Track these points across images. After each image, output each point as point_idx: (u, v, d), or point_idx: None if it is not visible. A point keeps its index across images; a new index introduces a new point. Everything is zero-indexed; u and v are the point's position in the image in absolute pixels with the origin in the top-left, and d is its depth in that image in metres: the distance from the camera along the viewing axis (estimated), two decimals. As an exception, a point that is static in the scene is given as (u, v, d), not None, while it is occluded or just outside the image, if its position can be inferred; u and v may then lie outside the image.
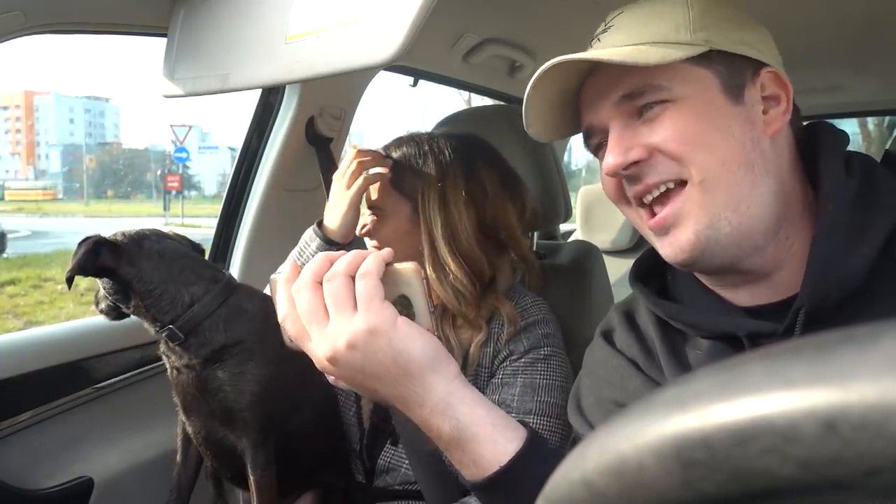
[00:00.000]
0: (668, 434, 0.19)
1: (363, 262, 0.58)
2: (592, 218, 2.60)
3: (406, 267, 0.59)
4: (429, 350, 0.58)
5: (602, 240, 2.48)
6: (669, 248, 0.67)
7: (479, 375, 1.10)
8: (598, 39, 0.71)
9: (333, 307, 0.57)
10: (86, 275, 1.06)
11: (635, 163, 0.66)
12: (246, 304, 1.11)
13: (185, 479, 1.18)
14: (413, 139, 1.19)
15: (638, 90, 0.66)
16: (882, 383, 0.16)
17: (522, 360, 1.08)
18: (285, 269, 0.61)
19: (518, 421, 0.64)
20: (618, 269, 2.46)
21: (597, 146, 0.74)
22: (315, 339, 0.58)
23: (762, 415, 0.17)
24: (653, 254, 0.79)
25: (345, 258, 0.58)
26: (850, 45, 1.71)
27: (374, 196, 1.17)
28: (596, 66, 0.69)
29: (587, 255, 1.44)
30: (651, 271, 0.78)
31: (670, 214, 0.66)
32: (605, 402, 0.76)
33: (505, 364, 1.09)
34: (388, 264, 0.59)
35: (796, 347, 0.19)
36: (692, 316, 0.70)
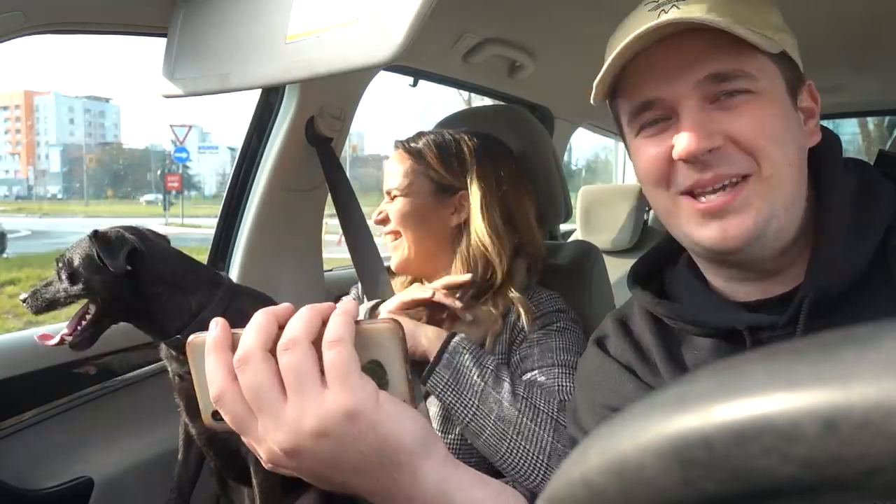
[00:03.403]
0: (669, 433, 0.19)
1: (329, 323, 0.45)
2: (592, 218, 2.60)
3: (381, 326, 0.46)
4: (418, 432, 0.46)
5: (602, 240, 2.48)
6: (719, 233, 0.64)
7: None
8: (676, 6, 0.64)
9: (295, 384, 0.43)
10: (120, 270, 1.03)
11: (709, 150, 0.63)
12: (248, 308, 1.10)
13: (186, 477, 1.18)
14: (446, 130, 1.28)
15: (729, 73, 0.63)
16: (883, 383, 0.16)
17: (537, 333, 1.14)
18: (212, 330, 0.47)
19: (509, 484, 0.54)
20: (618, 269, 2.46)
21: (646, 122, 0.68)
22: (267, 425, 0.45)
23: (762, 414, 0.17)
24: (651, 257, 0.80)
25: (300, 318, 0.45)
26: (850, 45, 1.71)
27: (397, 180, 1.21)
28: (677, 33, 0.63)
29: (587, 255, 1.44)
30: (649, 275, 0.78)
31: (734, 200, 0.63)
32: (598, 406, 0.77)
33: (523, 345, 1.13)
34: (356, 322, 0.46)
35: (797, 347, 0.19)
36: (693, 313, 0.71)
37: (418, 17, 0.75)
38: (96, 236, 1.07)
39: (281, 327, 0.45)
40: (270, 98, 1.55)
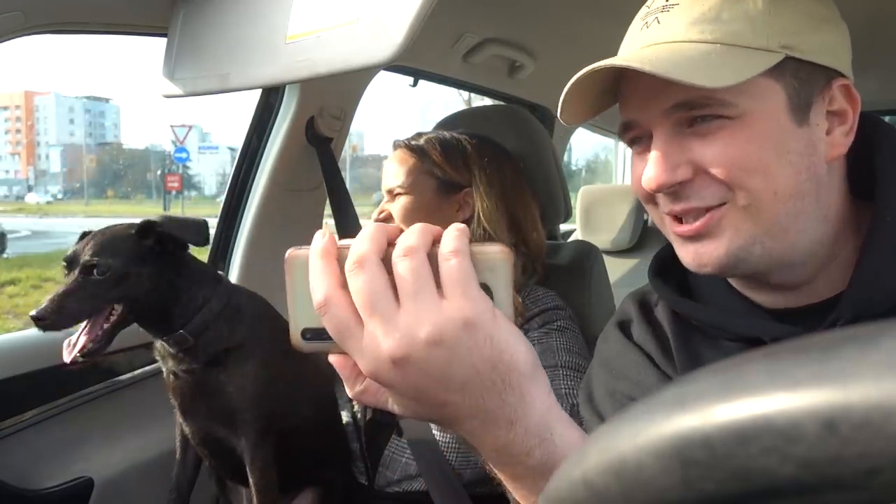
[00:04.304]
0: (668, 433, 0.19)
1: (445, 235, 0.43)
2: (592, 218, 2.60)
3: (492, 249, 0.44)
4: (530, 354, 0.45)
5: (602, 240, 2.48)
6: (693, 258, 0.62)
7: None
8: (657, 20, 0.62)
9: (413, 290, 0.42)
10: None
11: (679, 182, 0.60)
12: (244, 305, 1.11)
13: (184, 478, 1.18)
14: (444, 131, 1.30)
15: (698, 102, 0.59)
16: (883, 383, 0.16)
17: (537, 332, 1.14)
18: (318, 240, 0.45)
19: None
20: (618, 269, 2.46)
21: (633, 139, 0.67)
22: (377, 332, 0.42)
23: (762, 414, 0.17)
24: (669, 250, 0.75)
25: (416, 231, 0.43)
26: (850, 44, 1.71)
27: (399, 179, 1.22)
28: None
29: (587, 255, 1.44)
30: (671, 265, 0.74)
31: (704, 226, 0.61)
32: (619, 395, 0.73)
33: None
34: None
35: (797, 347, 0.19)
36: (714, 317, 0.68)
37: (418, 17, 0.75)
38: (152, 223, 1.03)
39: (390, 244, 0.44)
40: (270, 98, 1.55)
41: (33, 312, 0.96)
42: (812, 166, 0.60)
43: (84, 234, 1.06)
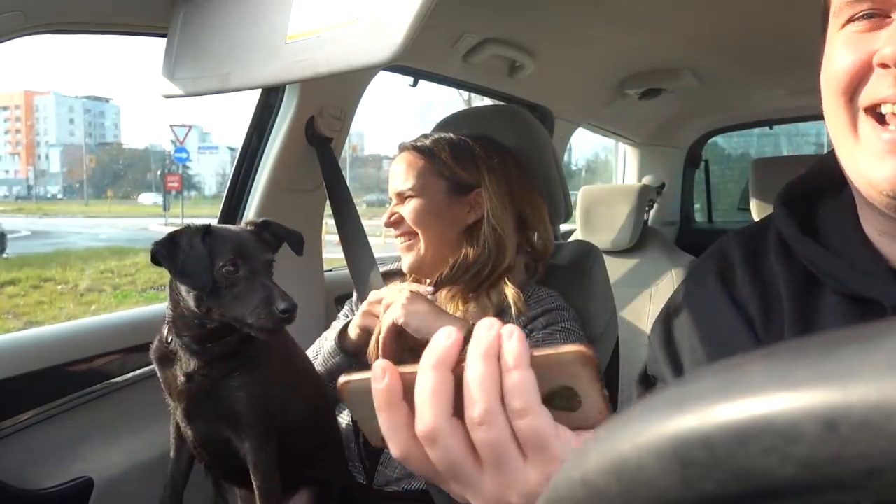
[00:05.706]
0: (668, 433, 0.19)
1: (507, 386, 0.39)
2: (592, 218, 2.60)
3: (568, 357, 0.40)
4: None
5: (602, 240, 2.48)
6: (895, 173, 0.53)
7: None
8: None
9: (495, 460, 0.40)
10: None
11: None
12: None
13: (178, 474, 1.18)
14: (451, 132, 1.31)
15: None
16: (882, 383, 0.16)
17: (541, 332, 1.14)
18: (379, 378, 0.41)
19: None
20: (618, 269, 2.46)
21: (856, 15, 0.57)
22: (464, 493, 0.42)
23: (762, 414, 0.17)
24: (811, 176, 0.68)
25: (482, 378, 0.39)
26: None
27: (409, 181, 1.22)
28: None
29: (587, 255, 1.44)
30: (800, 199, 0.66)
31: None
32: (701, 355, 0.66)
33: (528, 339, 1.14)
34: (533, 351, 0.41)
35: (797, 347, 0.19)
36: (836, 266, 0.60)
37: (418, 17, 0.75)
38: (268, 222, 1.09)
39: (453, 366, 0.41)
40: (270, 98, 1.55)
41: (283, 305, 0.98)
42: None
43: (209, 228, 1.04)
